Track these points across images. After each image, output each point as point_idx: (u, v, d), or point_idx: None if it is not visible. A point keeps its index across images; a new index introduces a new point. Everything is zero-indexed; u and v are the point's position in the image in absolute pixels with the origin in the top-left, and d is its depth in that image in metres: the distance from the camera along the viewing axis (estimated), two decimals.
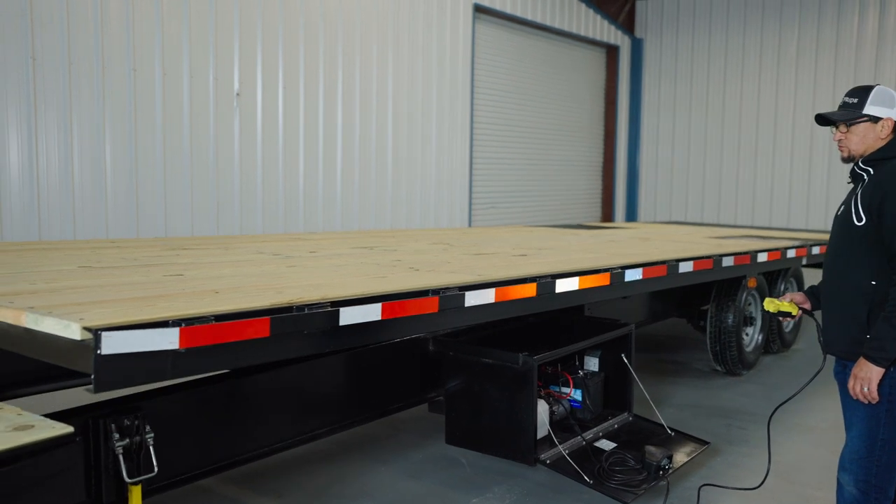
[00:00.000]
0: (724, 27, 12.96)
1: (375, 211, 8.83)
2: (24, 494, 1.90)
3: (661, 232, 6.84)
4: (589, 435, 3.65)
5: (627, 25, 13.66)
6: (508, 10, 10.73)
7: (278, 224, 7.76)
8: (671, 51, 13.52)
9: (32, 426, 1.93)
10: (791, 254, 5.47)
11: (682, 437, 3.80)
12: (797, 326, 6.60)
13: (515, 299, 3.04)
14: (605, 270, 3.57)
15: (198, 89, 6.97)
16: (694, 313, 5.81)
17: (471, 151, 10.22)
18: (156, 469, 2.40)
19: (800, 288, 6.55)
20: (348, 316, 2.36)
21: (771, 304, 2.91)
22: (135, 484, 2.38)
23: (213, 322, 2.05)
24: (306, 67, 7.93)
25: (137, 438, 2.41)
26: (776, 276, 6.05)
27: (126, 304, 2.18)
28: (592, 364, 3.99)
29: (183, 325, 1.98)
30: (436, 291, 2.68)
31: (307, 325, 2.25)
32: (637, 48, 13.70)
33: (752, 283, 5.42)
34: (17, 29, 5.77)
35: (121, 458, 2.35)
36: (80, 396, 2.96)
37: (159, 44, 6.64)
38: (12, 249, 3.74)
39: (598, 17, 12.71)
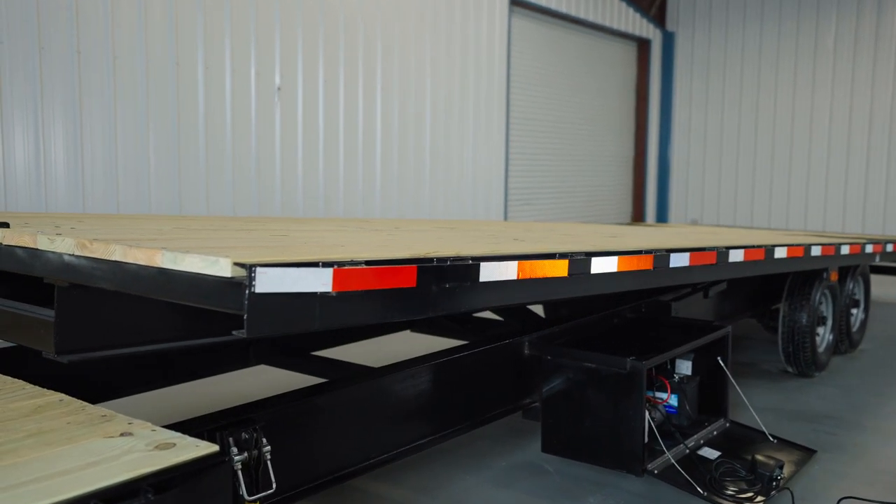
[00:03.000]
0: (758, 20, 12.72)
1: (413, 205, 8.67)
2: None
3: (722, 231, 6.66)
4: (691, 442, 3.47)
5: (659, 19, 13.45)
6: (543, 3, 10.54)
7: (318, 215, 7.61)
8: (703, 45, 13.29)
9: (174, 444, 1.75)
10: (869, 249, 5.28)
11: (787, 445, 3.62)
12: (863, 326, 6.39)
13: (636, 270, 2.96)
14: (759, 246, 3.42)
15: (239, 83, 6.82)
16: (765, 313, 5.61)
17: (506, 146, 10.04)
18: (274, 486, 2.23)
19: (866, 289, 6.35)
20: (487, 272, 2.25)
21: None
22: (253, 502, 2.21)
23: (364, 266, 1.89)
24: (346, 62, 7.77)
25: (255, 452, 2.23)
26: (845, 274, 5.84)
27: (258, 251, 2.00)
28: (685, 367, 3.80)
29: (335, 266, 1.82)
30: (564, 255, 2.57)
31: (450, 277, 2.13)
32: (669, 42, 13.48)
33: (833, 276, 5.22)
34: (62, 22, 5.61)
35: (239, 473, 2.17)
36: (154, 403, 2.78)
37: (202, 38, 6.48)
38: (93, 217, 3.58)
39: (631, 11, 12.51)
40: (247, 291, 1.69)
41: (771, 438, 3.63)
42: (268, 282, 1.71)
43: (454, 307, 2.22)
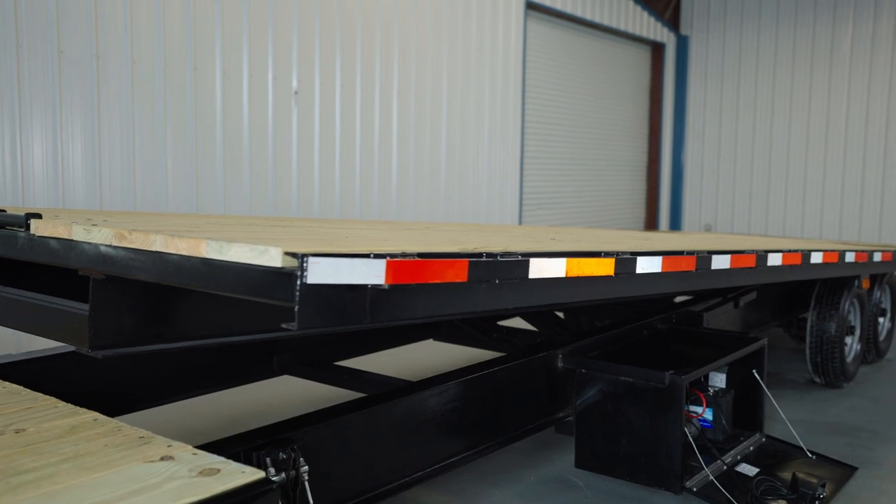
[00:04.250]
0: (773, 25, 12.61)
1: (429, 207, 8.60)
2: None
3: (750, 238, 6.56)
4: (728, 458, 3.37)
5: (673, 22, 13.35)
6: (559, 6, 10.46)
7: (335, 217, 7.55)
8: (718, 49, 13.18)
9: (217, 470, 1.67)
10: None
11: (826, 462, 3.52)
12: (889, 335, 6.29)
13: (680, 271, 2.89)
14: (796, 251, 3.36)
15: (257, 88, 6.76)
16: (792, 322, 5.52)
17: (522, 150, 9.96)
18: None
19: (893, 297, 6.24)
20: (537, 268, 2.19)
21: None
22: None
23: (417, 258, 1.83)
24: (363, 66, 7.70)
25: (293, 473, 2.16)
26: (873, 282, 5.75)
27: (303, 243, 1.92)
28: (719, 380, 3.71)
29: (388, 258, 1.75)
30: (609, 253, 2.51)
31: (500, 273, 2.07)
32: (683, 46, 13.38)
33: (865, 283, 5.12)
34: (81, 27, 5.55)
35: (278, 496, 2.10)
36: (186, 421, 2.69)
37: (219, 43, 6.42)
38: (121, 213, 3.50)
39: (645, 14, 12.41)
40: (298, 282, 1.61)
41: (809, 454, 3.53)
42: (320, 272, 1.63)
43: (503, 304, 2.16)
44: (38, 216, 2.21)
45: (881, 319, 6.07)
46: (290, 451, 2.16)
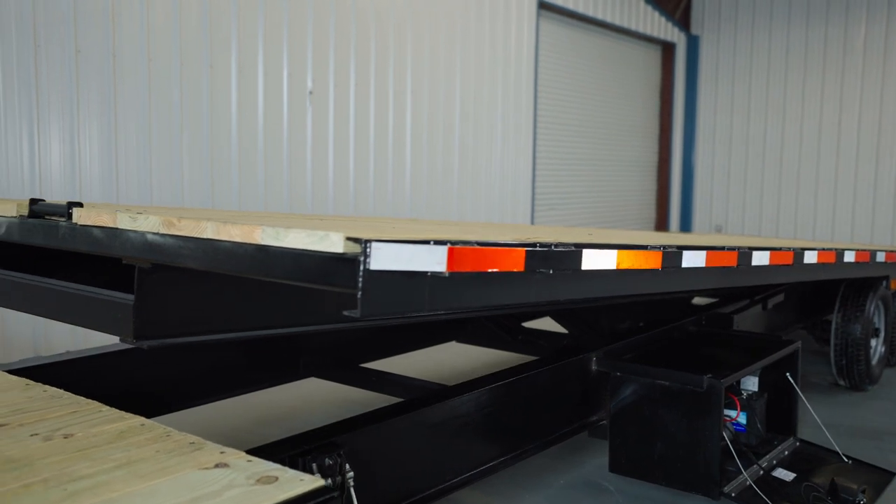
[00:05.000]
0: (784, 25, 12.55)
1: (442, 206, 8.57)
2: None
3: (764, 240, 6.51)
4: (764, 463, 3.33)
5: (683, 22, 13.29)
6: (571, 6, 10.41)
7: (349, 214, 7.52)
8: (729, 49, 13.13)
9: (276, 477, 1.62)
10: None
11: (863, 467, 3.47)
12: None
13: (722, 266, 2.88)
14: (830, 249, 3.36)
15: (272, 87, 6.72)
16: (816, 324, 5.46)
17: (534, 151, 9.92)
18: None
19: None
20: (589, 259, 2.17)
21: None
22: None
23: (476, 246, 1.79)
24: (377, 66, 7.67)
25: (339, 479, 2.11)
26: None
27: (362, 231, 1.88)
28: (752, 384, 3.66)
29: (449, 244, 1.72)
30: (656, 247, 2.50)
31: (554, 263, 2.05)
32: (693, 46, 13.33)
33: (894, 284, 5.07)
34: (98, 26, 5.52)
35: None
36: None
37: (235, 43, 6.38)
38: (152, 208, 3.45)
39: (656, 14, 12.36)
40: (361, 268, 1.56)
41: (845, 459, 3.49)
42: (383, 258, 1.59)
43: (555, 295, 2.14)
44: (80, 205, 2.17)
45: None
46: (336, 456, 2.12)
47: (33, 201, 2.29)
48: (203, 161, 6.24)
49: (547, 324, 4.80)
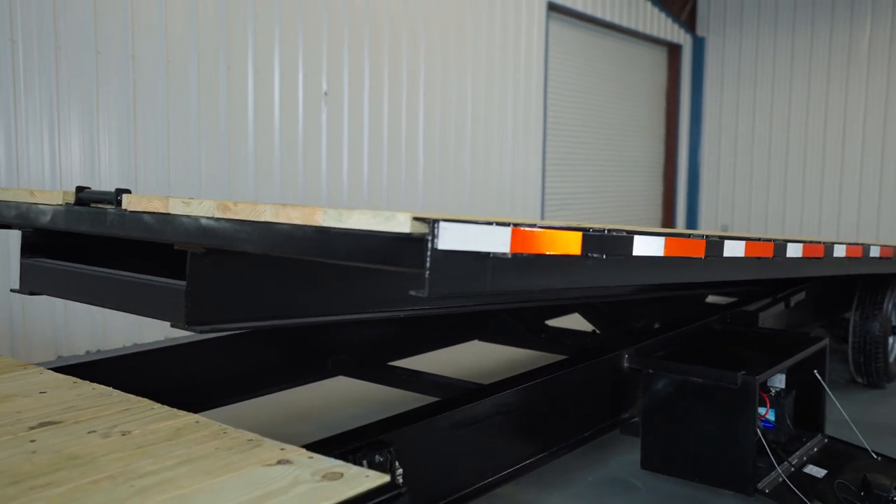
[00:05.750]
0: (790, 27, 12.56)
1: (454, 207, 8.59)
2: None
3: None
4: (794, 460, 3.33)
5: (689, 24, 13.31)
6: (580, 7, 10.43)
7: None
8: (734, 51, 13.14)
9: (341, 474, 1.63)
10: None
11: (892, 463, 3.47)
12: None
13: (761, 257, 2.92)
14: (857, 244, 3.42)
15: (287, 89, 6.73)
16: (834, 322, 5.47)
17: (543, 151, 9.93)
18: None
19: None
20: (640, 245, 2.20)
21: None
22: None
23: (537, 229, 1.82)
24: (390, 68, 7.68)
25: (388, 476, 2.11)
26: None
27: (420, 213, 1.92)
28: (779, 381, 3.67)
29: (513, 226, 1.75)
30: (700, 236, 2.55)
31: (608, 247, 2.08)
32: (699, 47, 13.34)
33: None
34: (117, 28, 5.53)
35: None
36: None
37: (252, 45, 6.40)
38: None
39: (662, 16, 12.38)
40: (429, 247, 1.57)
41: (874, 455, 3.49)
42: (450, 238, 1.60)
43: (608, 280, 2.16)
44: (128, 191, 2.17)
45: None
46: (386, 453, 2.12)
47: (79, 189, 2.29)
48: (220, 159, 6.25)
49: (569, 322, 4.81)
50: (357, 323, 3.97)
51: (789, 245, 3.07)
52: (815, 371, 3.61)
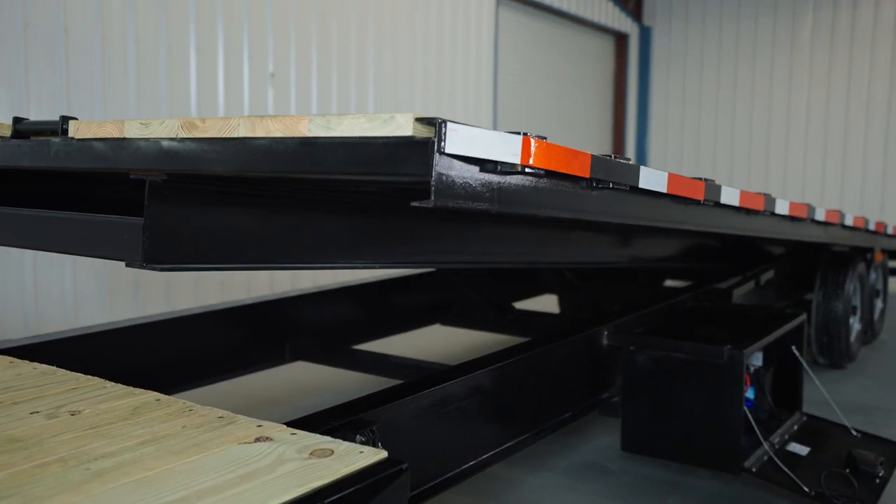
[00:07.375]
0: (734, 15, 12.67)
1: None
2: None
3: None
4: (776, 438, 3.23)
5: (636, 13, 13.32)
6: None
7: None
8: (680, 40, 13.19)
9: (331, 450, 1.42)
10: None
11: (873, 440, 3.40)
12: (882, 316, 6.28)
13: (751, 209, 2.98)
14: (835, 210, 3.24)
15: (232, 69, 6.43)
16: (798, 303, 5.43)
17: None
18: None
19: (885, 278, 6.23)
20: (646, 177, 2.14)
21: None
22: None
23: (547, 142, 1.68)
24: (338, 50, 7.43)
25: None
26: (869, 263, 5.70)
27: None
28: (757, 358, 3.57)
29: (524, 135, 1.61)
30: (699, 178, 2.55)
31: (616, 175, 1.99)
32: (646, 37, 13.37)
33: (878, 257, 5.06)
34: (49, 1, 5.18)
35: None
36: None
37: (194, 23, 6.08)
38: None
39: (610, 5, 12.35)
40: (435, 150, 1.39)
41: (854, 432, 3.41)
42: (459, 141, 1.43)
43: (614, 213, 2.09)
44: (74, 118, 1.90)
45: (875, 300, 6.05)
46: (368, 432, 1.92)
47: (17, 120, 2.02)
48: None
49: (535, 305, 4.66)
50: (315, 303, 3.76)
51: (778, 201, 3.14)
52: (793, 347, 3.52)
